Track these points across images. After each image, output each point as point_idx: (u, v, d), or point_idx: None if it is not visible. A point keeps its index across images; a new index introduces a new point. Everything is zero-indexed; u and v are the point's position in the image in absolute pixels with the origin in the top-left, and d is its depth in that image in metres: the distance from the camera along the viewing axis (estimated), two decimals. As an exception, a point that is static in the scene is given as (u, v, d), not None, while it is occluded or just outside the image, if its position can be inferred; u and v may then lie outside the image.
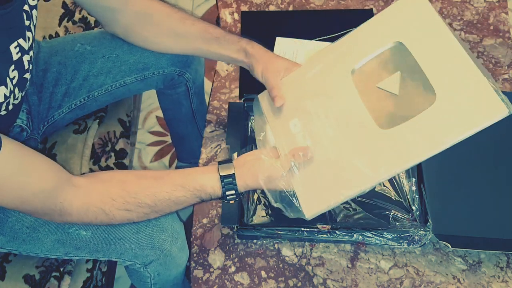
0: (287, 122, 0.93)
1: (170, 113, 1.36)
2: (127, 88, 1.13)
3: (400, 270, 0.97)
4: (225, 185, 0.85)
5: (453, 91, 0.78)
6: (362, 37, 0.91)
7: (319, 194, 0.86)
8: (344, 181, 0.84)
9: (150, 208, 0.84)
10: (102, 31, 1.12)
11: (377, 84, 0.86)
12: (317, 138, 0.88)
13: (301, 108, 0.92)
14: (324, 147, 0.87)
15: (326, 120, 0.88)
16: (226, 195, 0.85)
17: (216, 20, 1.37)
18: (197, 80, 1.24)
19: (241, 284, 0.96)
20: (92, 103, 1.13)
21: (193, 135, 1.40)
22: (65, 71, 1.08)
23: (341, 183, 0.84)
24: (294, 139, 0.90)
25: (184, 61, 1.16)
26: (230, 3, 1.33)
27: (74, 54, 1.09)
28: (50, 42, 1.11)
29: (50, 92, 1.08)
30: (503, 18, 1.29)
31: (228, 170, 0.85)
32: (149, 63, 1.12)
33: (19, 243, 0.96)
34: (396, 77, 0.85)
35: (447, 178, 1.01)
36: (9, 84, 0.79)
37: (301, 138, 0.89)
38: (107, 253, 0.96)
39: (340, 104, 0.88)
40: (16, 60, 0.81)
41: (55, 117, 1.10)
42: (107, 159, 1.22)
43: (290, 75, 0.96)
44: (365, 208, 0.98)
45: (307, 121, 0.90)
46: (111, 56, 1.09)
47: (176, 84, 1.21)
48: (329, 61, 0.93)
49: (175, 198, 0.84)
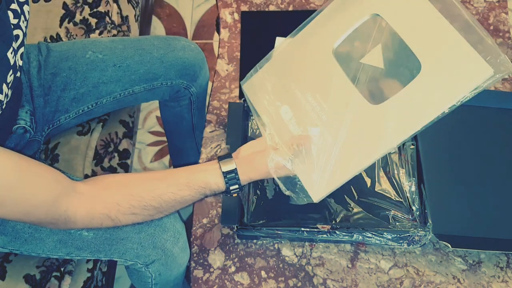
0: (277, 110, 0.91)
1: (171, 126, 1.38)
2: (135, 96, 1.15)
3: (400, 270, 0.97)
4: (228, 181, 0.85)
5: (437, 58, 0.78)
6: (337, 13, 0.89)
7: (322, 177, 0.85)
8: (345, 160, 0.84)
9: (155, 210, 0.84)
10: (113, 40, 1.14)
11: (361, 59, 0.85)
12: (311, 123, 0.87)
13: (289, 95, 0.91)
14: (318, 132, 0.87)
15: (316, 105, 0.88)
16: (230, 189, 0.86)
17: (216, 20, 1.37)
18: (200, 95, 1.26)
19: (241, 284, 0.96)
20: (99, 110, 1.14)
21: (191, 150, 1.42)
22: (75, 76, 1.09)
23: (343, 163, 0.84)
24: (287, 127, 0.89)
25: (192, 75, 1.18)
26: (230, 3, 1.33)
27: (85, 61, 1.10)
28: (60, 47, 1.11)
29: (58, 96, 1.08)
30: (503, 18, 1.29)
31: (229, 165, 0.86)
32: (158, 73, 1.13)
33: (21, 243, 0.96)
34: (378, 51, 0.84)
35: (447, 178, 1.01)
36: (4, 89, 0.79)
37: (294, 125, 0.89)
38: (109, 253, 0.97)
39: (328, 85, 0.87)
40: (13, 64, 0.81)
41: (61, 121, 1.11)
42: (110, 160, 1.22)
43: (270, 63, 0.93)
44: (365, 208, 0.98)
45: (297, 108, 0.89)
46: (122, 65, 1.10)
47: (180, 97, 1.23)
48: (309, 43, 0.91)
49: (180, 198, 0.85)
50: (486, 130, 1.08)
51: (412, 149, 1.04)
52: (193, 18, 2.00)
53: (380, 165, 1.03)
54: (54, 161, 1.15)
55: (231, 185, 0.85)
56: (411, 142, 1.04)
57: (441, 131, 1.06)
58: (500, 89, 1.18)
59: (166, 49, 1.15)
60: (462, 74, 0.76)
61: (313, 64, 0.90)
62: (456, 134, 1.07)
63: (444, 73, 0.77)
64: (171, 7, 2.03)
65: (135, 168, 1.68)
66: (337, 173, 0.84)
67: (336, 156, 0.85)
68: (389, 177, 1.02)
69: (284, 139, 0.88)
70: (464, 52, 0.76)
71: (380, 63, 0.84)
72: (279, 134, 0.90)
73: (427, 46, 0.80)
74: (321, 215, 0.98)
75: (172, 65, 1.14)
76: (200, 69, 1.20)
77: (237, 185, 0.86)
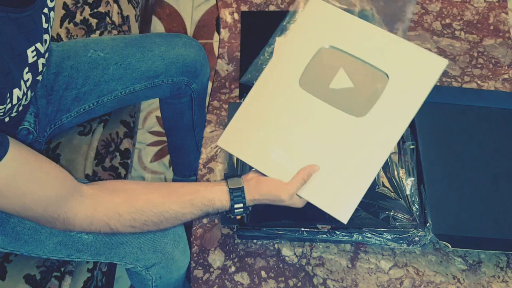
0: (266, 154, 0.91)
1: (171, 122, 1.37)
2: (136, 95, 1.15)
3: (400, 270, 0.97)
4: (234, 198, 0.85)
5: (398, 65, 0.89)
6: (291, 50, 0.95)
7: (341, 197, 0.87)
8: (357, 173, 0.87)
9: (155, 226, 0.84)
10: (114, 38, 1.14)
11: (330, 85, 0.91)
12: (307, 155, 0.89)
13: (274, 136, 0.91)
14: (318, 159, 0.88)
15: (306, 137, 0.90)
16: (234, 208, 0.85)
17: (216, 20, 1.37)
18: (201, 92, 1.26)
19: (241, 284, 0.96)
20: (100, 108, 1.14)
21: (191, 148, 1.41)
22: (77, 75, 1.08)
23: (356, 177, 0.87)
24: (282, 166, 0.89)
25: (193, 72, 1.18)
26: (230, 3, 1.33)
27: (87, 59, 1.09)
28: (62, 46, 1.11)
29: (60, 95, 1.08)
30: (503, 18, 1.29)
31: (237, 184, 0.86)
32: (159, 71, 1.13)
33: (21, 244, 0.96)
34: (342, 74, 0.91)
35: (447, 179, 1.01)
36: (23, 86, 0.79)
37: (290, 162, 0.89)
38: (109, 256, 0.96)
39: (310, 116, 0.90)
40: (31, 63, 0.81)
41: (63, 120, 1.11)
42: (112, 160, 1.22)
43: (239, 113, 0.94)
44: (365, 208, 0.98)
45: (286, 145, 0.90)
46: (124, 63, 1.10)
47: (181, 94, 1.22)
48: (273, 85, 0.94)
49: (181, 215, 0.84)
50: (486, 130, 1.08)
51: (412, 149, 1.04)
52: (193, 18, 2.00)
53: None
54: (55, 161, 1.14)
55: (236, 203, 0.85)
56: (411, 142, 1.04)
57: (441, 131, 1.07)
58: (500, 89, 1.18)
59: (167, 46, 1.14)
60: (424, 71, 0.88)
61: (286, 101, 0.93)
62: (456, 134, 1.07)
63: (409, 75, 0.88)
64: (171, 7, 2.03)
65: (135, 168, 1.68)
66: (354, 187, 0.87)
67: (344, 174, 0.87)
68: (389, 177, 1.02)
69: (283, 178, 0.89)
70: (417, 53, 0.89)
71: (349, 83, 0.91)
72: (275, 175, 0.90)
73: (385, 58, 0.90)
74: (321, 215, 0.98)
75: (173, 62, 1.14)
76: (202, 65, 1.20)
77: (242, 203, 0.85)
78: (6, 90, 0.75)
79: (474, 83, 1.19)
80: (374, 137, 0.87)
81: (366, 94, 0.89)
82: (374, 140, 0.87)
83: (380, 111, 0.87)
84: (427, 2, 1.31)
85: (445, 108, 1.09)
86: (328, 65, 0.92)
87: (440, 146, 1.05)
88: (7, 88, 0.75)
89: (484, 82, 1.19)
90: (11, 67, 0.74)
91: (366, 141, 0.87)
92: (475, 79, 1.20)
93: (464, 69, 1.21)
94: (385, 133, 0.87)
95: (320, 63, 0.93)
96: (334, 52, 0.92)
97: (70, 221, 0.79)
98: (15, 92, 0.77)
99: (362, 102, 0.89)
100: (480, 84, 1.19)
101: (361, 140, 0.87)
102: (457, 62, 1.22)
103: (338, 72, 0.91)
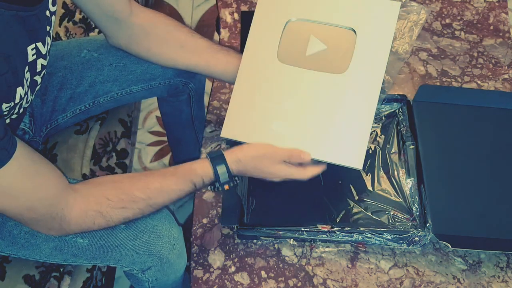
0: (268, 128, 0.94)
1: (169, 118, 1.37)
2: (133, 95, 1.14)
3: (400, 270, 0.97)
4: (213, 161, 0.87)
5: (360, 20, 0.96)
6: (261, 30, 1.00)
7: (349, 147, 0.92)
8: (355, 124, 0.92)
9: (144, 202, 0.86)
10: None
11: (306, 53, 0.97)
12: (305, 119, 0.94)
13: (272, 111, 0.95)
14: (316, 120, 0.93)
15: (300, 104, 0.95)
16: (217, 172, 0.87)
17: (216, 20, 1.37)
18: (199, 89, 1.25)
19: (241, 284, 0.96)
20: (97, 109, 1.13)
21: (191, 139, 1.41)
22: (71, 76, 1.08)
23: (355, 127, 0.92)
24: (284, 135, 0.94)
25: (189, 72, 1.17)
26: (230, 3, 1.33)
27: (81, 60, 1.09)
28: (55, 46, 1.10)
29: (55, 95, 1.08)
30: (503, 18, 1.29)
31: (217, 152, 0.90)
32: (156, 73, 1.12)
33: (18, 248, 0.96)
34: (313, 39, 0.97)
35: (447, 179, 1.01)
36: (25, 85, 0.79)
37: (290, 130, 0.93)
38: (104, 260, 0.96)
39: (298, 85, 0.95)
40: (31, 61, 0.81)
41: (59, 121, 1.10)
42: (109, 159, 1.22)
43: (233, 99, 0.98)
44: (365, 208, 0.98)
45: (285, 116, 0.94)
46: (119, 65, 1.09)
47: (179, 93, 1.22)
48: (257, 64, 0.98)
49: (167, 187, 0.86)
50: (486, 130, 1.08)
51: (412, 149, 1.04)
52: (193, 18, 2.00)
53: (380, 165, 1.03)
54: (52, 161, 1.14)
55: (218, 165, 0.87)
56: (411, 142, 1.04)
57: (441, 131, 1.07)
58: (500, 89, 1.18)
59: None
60: (383, 18, 0.96)
61: (272, 78, 0.97)
62: (456, 134, 1.07)
63: (372, 25, 0.96)
64: (171, 7, 2.03)
65: (135, 168, 1.68)
66: (358, 135, 0.92)
67: (346, 125, 0.93)
68: (389, 177, 1.02)
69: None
70: (372, 1, 0.97)
71: (322, 46, 0.97)
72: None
73: (347, 16, 0.97)
74: (321, 215, 0.98)
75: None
76: None
77: (224, 165, 0.87)
78: (13, 87, 0.75)
79: (474, 83, 1.19)
80: (360, 87, 0.94)
81: (341, 52, 0.96)
82: (361, 89, 0.94)
83: (358, 63, 0.95)
84: (427, 2, 1.31)
85: (445, 108, 1.09)
86: (299, 35, 0.98)
87: (440, 146, 1.05)
88: (13, 86, 0.75)
89: (484, 82, 1.19)
90: (17, 66, 0.75)
91: (354, 92, 0.94)
92: (475, 79, 1.20)
93: (464, 69, 1.21)
94: (369, 80, 0.94)
95: (292, 35, 0.99)
96: (301, 23, 0.99)
97: (66, 218, 0.80)
98: (18, 91, 0.77)
99: (340, 60, 0.96)
100: (480, 84, 1.19)
101: (349, 92, 0.94)
102: (457, 62, 1.22)
103: (310, 39, 0.97)
